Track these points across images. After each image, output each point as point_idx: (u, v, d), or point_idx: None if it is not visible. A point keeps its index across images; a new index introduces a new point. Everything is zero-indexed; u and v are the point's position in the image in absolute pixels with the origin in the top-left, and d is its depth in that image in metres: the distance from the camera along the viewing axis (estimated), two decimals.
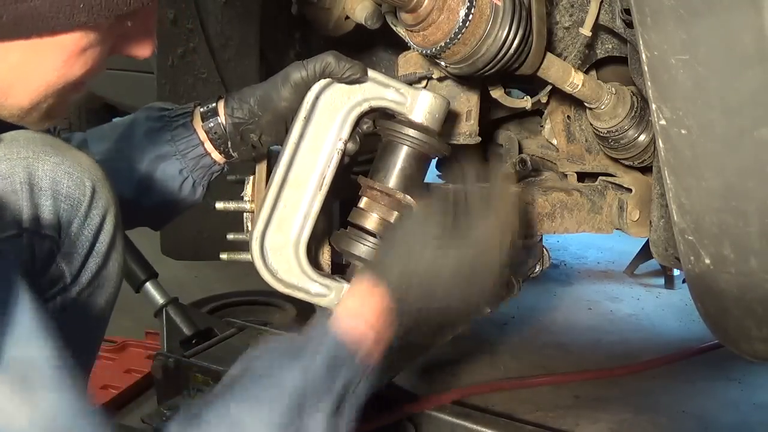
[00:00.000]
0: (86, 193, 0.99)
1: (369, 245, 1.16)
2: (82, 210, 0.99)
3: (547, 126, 1.61)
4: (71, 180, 0.97)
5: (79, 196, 0.98)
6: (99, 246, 1.02)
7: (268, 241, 1.14)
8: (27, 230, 0.93)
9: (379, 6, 1.40)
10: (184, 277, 2.73)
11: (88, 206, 0.99)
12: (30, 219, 0.93)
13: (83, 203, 0.99)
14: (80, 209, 0.99)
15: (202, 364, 1.71)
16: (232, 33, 1.80)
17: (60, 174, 0.97)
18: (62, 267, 0.99)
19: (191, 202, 1.29)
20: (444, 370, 2.11)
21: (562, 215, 1.46)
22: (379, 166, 1.19)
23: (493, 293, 1.15)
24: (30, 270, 0.95)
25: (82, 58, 0.83)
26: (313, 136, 1.16)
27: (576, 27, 1.36)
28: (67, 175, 0.97)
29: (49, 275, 0.98)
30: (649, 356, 2.08)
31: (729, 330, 1.14)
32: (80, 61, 0.83)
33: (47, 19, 0.77)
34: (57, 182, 0.96)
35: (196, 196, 1.27)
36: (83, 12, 0.78)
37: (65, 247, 0.98)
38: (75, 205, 0.98)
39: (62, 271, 0.99)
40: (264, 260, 1.14)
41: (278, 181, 1.15)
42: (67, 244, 0.98)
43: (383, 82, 1.17)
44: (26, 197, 0.93)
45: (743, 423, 1.89)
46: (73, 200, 0.98)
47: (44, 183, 0.95)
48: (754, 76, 0.94)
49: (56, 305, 1.00)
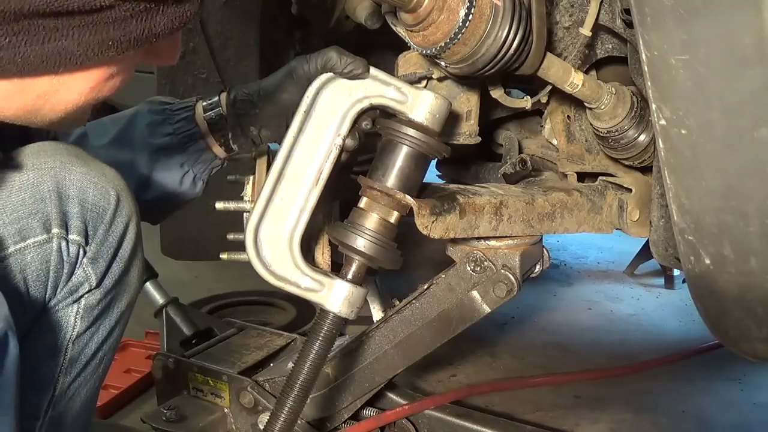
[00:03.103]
0: (111, 201, 1.03)
1: (367, 237, 1.16)
2: (108, 218, 1.02)
3: (547, 126, 1.61)
4: (97, 189, 1.01)
5: (105, 205, 1.02)
6: (122, 252, 1.06)
7: (262, 233, 1.15)
8: (56, 236, 0.97)
9: (379, 6, 1.40)
10: (184, 277, 2.73)
11: (113, 214, 1.03)
12: (58, 225, 0.97)
13: (108, 211, 1.02)
14: (105, 217, 1.02)
15: (202, 364, 1.71)
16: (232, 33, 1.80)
17: (86, 183, 1.00)
18: (88, 271, 1.02)
19: (191, 197, 1.30)
20: (444, 370, 2.11)
21: (562, 215, 1.45)
22: (378, 164, 1.19)
23: None
24: (58, 274, 0.99)
25: (111, 82, 0.86)
26: (313, 131, 1.16)
27: (576, 27, 1.36)
28: (93, 185, 1.01)
29: (75, 279, 1.02)
30: (649, 356, 2.07)
31: (729, 330, 1.14)
32: (108, 85, 0.86)
33: (75, 57, 0.78)
34: (84, 191, 1.00)
35: (197, 190, 1.30)
36: (112, 48, 0.79)
37: (91, 253, 1.02)
38: (101, 213, 1.02)
39: (88, 275, 1.03)
40: (257, 252, 1.15)
41: (275, 174, 1.15)
42: (93, 249, 1.02)
43: (384, 80, 1.18)
44: (55, 205, 0.97)
45: (743, 423, 1.89)
46: (99, 208, 1.01)
47: (72, 191, 0.99)
48: (754, 76, 0.94)
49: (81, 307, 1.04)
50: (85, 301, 1.04)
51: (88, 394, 1.11)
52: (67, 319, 1.03)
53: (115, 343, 1.13)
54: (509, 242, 1.43)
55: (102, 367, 1.11)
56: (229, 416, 1.67)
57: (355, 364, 1.54)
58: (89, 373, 1.09)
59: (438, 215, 1.28)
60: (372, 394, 1.57)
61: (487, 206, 1.36)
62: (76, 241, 0.99)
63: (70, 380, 1.07)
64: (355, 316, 1.17)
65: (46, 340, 1.03)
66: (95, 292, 1.04)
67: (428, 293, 1.47)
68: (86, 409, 1.13)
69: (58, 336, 1.03)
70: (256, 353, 1.78)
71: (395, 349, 1.51)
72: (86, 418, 1.15)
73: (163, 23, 0.81)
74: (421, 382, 2.04)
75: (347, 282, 1.16)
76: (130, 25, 0.78)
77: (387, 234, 1.19)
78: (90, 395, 1.12)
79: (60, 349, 1.04)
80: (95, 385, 1.12)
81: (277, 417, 1.16)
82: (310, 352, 1.15)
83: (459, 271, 1.43)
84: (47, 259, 0.97)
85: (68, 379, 1.06)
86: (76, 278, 1.02)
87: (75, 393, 1.08)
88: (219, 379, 1.67)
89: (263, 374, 1.67)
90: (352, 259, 1.18)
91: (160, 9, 0.80)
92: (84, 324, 1.05)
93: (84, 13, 0.76)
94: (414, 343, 1.49)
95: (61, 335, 1.03)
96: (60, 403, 1.06)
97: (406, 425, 1.61)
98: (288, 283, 1.16)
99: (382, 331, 1.51)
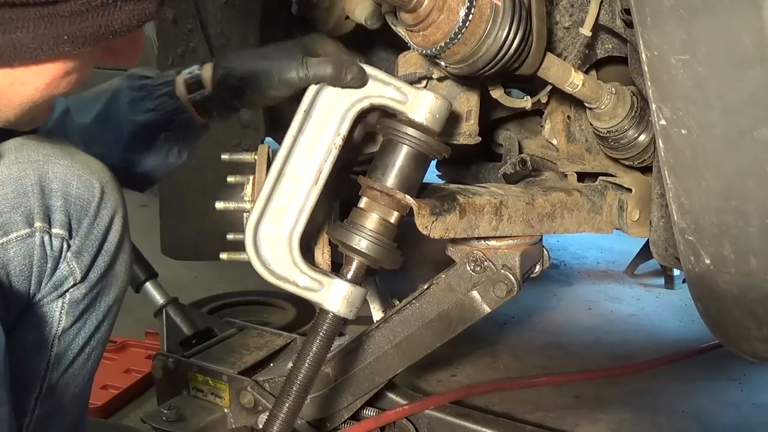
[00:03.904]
0: (95, 194, 1.02)
1: (367, 237, 1.16)
2: (92, 210, 1.02)
3: (547, 126, 1.61)
4: (81, 182, 1.00)
5: (89, 198, 1.01)
6: (108, 245, 1.05)
7: (261, 232, 1.15)
8: (38, 229, 0.97)
9: (379, 6, 1.40)
10: (184, 277, 2.73)
11: (98, 207, 1.02)
12: (41, 219, 0.97)
13: (93, 204, 1.02)
14: (90, 210, 1.01)
15: (202, 364, 1.71)
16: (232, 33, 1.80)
17: (70, 176, 0.99)
18: (73, 265, 1.02)
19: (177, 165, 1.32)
20: (444, 370, 2.11)
21: (562, 215, 1.45)
22: (378, 164, 1.20)
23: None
24: (42, 268, 0.99)
25: (66, 78, 0.84)
26: (313, 131, 1.16)
27: (576, 27, 1.36)
28: (77, 177, 1.00)
29: (60, 273, 1.01)
30: (649, 356, 2.07)
31: (729, 330, 1.14)
32: (64, 82, 0.84)
33: (30, 50, 0.78)
34: (67, 184, 0.99)
35: (182, 159, 1.31)
36: (67, 43, 0.78)
37: (75, 246, 1.01)
38: (85, 205, 1.01)
39: (73, 269, 1.02)
40: (257, 251, 1.15)
41: (275, 173, 1.16)
42: (77, 243, 1.01)
43: (385, 80, 1.18)
44: (37, 198, 0.97)
45: (743, 423, 1.89)
46: (82, 201, 1.00)
47: (55, 185, 0.98)
48: (754, 76, 0.94)
49: (66, 302, 1.03)
50: (70, 295, 1.03)
51: (78, 390, 1.11)
52: (53, 314, 1.03)
53: (104, 338, 1.12)
54: (509, 242, 1.43)
55: (91, 362, 1.11)
56: (229, 416, 1.67)
57: (355, 364, 1.54)
58: (77, 369, 1.08)
59: (438, 215, 1.28)
60: (372, 394, 1.57)
61: (487, 206, 1.36)
62: (60, 235, 0.98)
63: (58, 376, 1.06)
64: (354, 316, 1.17)
65: (32, 335, 1.02)
66: (80, 286, 1.03)
67: (428, 293, 1.47)
68: (77, 405, 1.12)
69: (44, 331, 1.03)
70: (256, 353, 1.78)
71: (395, 349, 1.51)
72: (78, 415, 1.14)
73: (120, 20, 0.80)
74: (421, 382, 2.04)
75: (346, 281, 1.16)
76: (86, 20, 0.77)
77: (387, 234, 1.19)
78: (80, 391, 1.12)
79: (46, 344, 1.04)
80: (85, 381, 1.12)
81: (276, 416, 1.17)
82: (309, 351, 1.15)
83: (459, 271, 1.43)
84: (30, 253, 0.96)
85: (56, 375, 1.06)
86: (60, 272, 1.01)
87: (64, 389, 1.08)
88: (219, 379, 1.67)
89: (263, 374, 1.67)
90: (351, 259, 1.18)
91: (117, 5, 0.79)
92: (70, 319, 1.04)
93: (39, 5, 0.75)
94: (414, 343, 1.49)
95: (46, 331, 1.03)
96: (48, 400, 1.06)
97: (406, 425, 1.61)
98: (287, 282, 1.16)
99: (382, 331, 1.51)
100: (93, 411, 1.81)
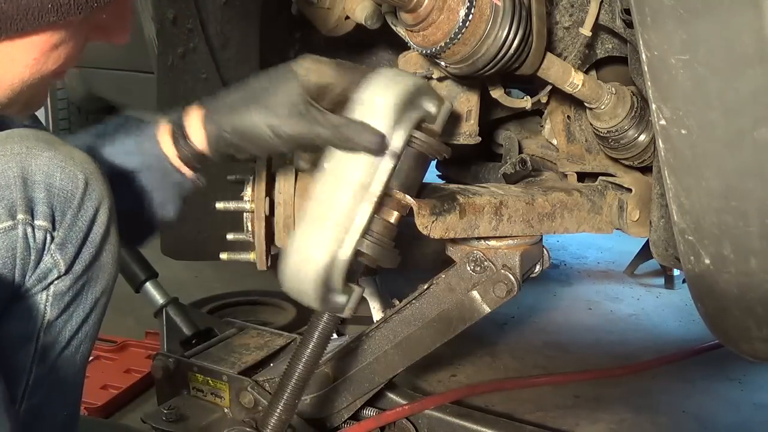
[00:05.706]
0: (79, 185, 1.00)
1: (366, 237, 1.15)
2: (76, 202, 1.00)
3: (547, 126, 1.61)
4: (64, 173, 0.99)
5: (73, 189, 1.00)
6: (93, 237, 1.04)
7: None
8: (21, 222, 0.96)
9: (379, 6, 1.40)
10: (184, 277, 2.73)
11: (81, 198, 1.01)
12: (24, 211, 0.96)
13: (76, 195, 1.00)
14: (74, 201, 1.00)
15: (202, 364, 1.71)
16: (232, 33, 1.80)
17: (53, 168, 0.98)
18: (57, 257, 1.00)
19: (167, 220, 1.24)
20: (444, 370, 2.11)
21: (562, 215, 1.45)
22: None
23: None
24: (26, 261, 0.98)
25: (55, 53, 0.83)
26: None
27: (576, 27, 1.36)
28: (60, 169, 0.98)
29: (44, 265, 1.00)
30: (649, 356, 2.07)
31: (729, 330, 1.14)
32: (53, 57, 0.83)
33: (15, 21, 0.77)
34: (50, 175, 0.98)
35: (171, 214, 1.22)
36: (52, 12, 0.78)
37: (59, 238, 1.00)
38: (68, 197, 0.99)
39: (57, 261, 1.01)
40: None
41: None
42: (61, 235, 1.00)
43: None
44: (20, 190, 0.95)
45: (743, 423, 1.89)
46: (66, 193, 0.99)
47: (37, 177, 0.97)
48: (754, 76, 0.94)
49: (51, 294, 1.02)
50: (54, 287, 1.02)
51: (68, 384, 1.10)
52: (37, 306, 1.01)
53: (92, 331, 1.10)
54: (509, 242, 1.43)
55: (80, 356, 1.09)
56: (229, 416, 1.67)
57: (354, 364, 1.54)
58: (65, 362, 1.07)
59: (438, 215, 1.28)
60: (372, 394, 1.57)
61: (487, 206, 1.36)
62: (43, 227, 0.97)
63: (45, 370, 1.05)
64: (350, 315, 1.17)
65: (17, 328, 1.01)
66: (65, 278, 1.02)
67: (428, 293, 1.47)
68: (68, 400, 1.11)
69: (29, 324, 1.01)
70: (256, 353, 1.78)
71: (395, 349, 1.51)
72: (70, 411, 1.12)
73: None
74: (421, 382, 2.04)
75: None
76: None
77: (386, 234, 1.18)
78: (70, 386, 1.10)
79: (31, 337, 1.02)
80: (75, 375, 1.10)
81: (272, 413, 1.16)
82: (305, 348, 1.15)
83: (459, 271, 1.43)
84: (13, 246, 0.95)
85: (43, 368, 1.05)
86: (44, 265, 1.00)
87: (52, 383, 1.06)
88: (219, 379, 1.67)
89: (263, 374, 1.67)
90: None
91: None
92: (55, 311, 1.03)
93: None
94: (414, 343, 1.49)
95: (31, 323, 1.02)
96: (36, 394, 1.05)
97: (406, 425, 1.61)
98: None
99: (382, 331, 1.51)
100: (93, 411, 1.81)
